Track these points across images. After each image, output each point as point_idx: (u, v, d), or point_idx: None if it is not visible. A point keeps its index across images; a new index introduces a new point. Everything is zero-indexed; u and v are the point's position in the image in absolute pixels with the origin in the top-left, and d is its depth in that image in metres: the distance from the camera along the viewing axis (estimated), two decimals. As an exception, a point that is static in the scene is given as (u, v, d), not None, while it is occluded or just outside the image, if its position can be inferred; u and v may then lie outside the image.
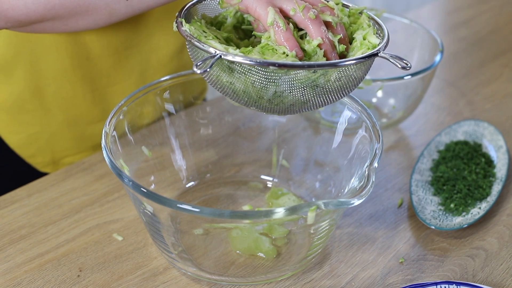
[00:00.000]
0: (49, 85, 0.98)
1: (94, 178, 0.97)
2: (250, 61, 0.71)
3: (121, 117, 0.82)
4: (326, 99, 0.76)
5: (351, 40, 0.81)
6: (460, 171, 0.97)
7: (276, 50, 0.75)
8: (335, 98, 0.77)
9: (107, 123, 0.80)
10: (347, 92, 0.77)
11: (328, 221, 0.79)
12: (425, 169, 1.00)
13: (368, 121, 0.83)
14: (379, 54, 0.75)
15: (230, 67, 0.73)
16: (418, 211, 0.91)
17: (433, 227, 0.88)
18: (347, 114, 0.88)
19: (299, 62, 0.72)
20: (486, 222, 0.92)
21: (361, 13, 0.83)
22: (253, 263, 0.83)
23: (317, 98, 0.75)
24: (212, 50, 0.72)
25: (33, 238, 0.87)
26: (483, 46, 1.40)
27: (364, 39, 0.79)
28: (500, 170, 0.98)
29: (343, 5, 0.84)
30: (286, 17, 0.77)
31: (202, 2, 0.83)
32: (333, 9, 0.78)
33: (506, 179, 0.97)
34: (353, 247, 0.87)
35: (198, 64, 0.70)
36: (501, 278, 0.83)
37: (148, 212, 0.78)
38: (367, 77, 1.18)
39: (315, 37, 0.75)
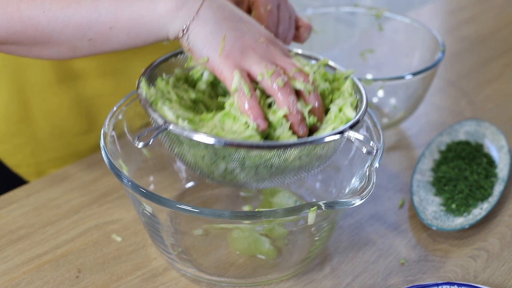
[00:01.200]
0: (35, 96, 0.98)
1: (93, 179, 0.96)
2: (194, 137, 0.67)
3: (120, 117, 0.82)
4: (287, 178, 0.73)
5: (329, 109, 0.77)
6: (462, 172, 0.97)
7: (239, 119, 0.71)
8: (299, 176, 0.73)
9: (106, 123, 0.80)
10: (313, 169, 0.73)
11: (329, 221, 0.79)
12: (426, 169, 0.99)
13: (368, 121, 0.83)
14: (344, 134, 0.70)
15: (179, 139, 0.70)
16: (419, 212, 0.90)
17: (434, 228, 0.88)
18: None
19: (246, 142, 0.67)
20: (488, 222, 0.91)
21: (347, 78, 0.79)
22: (253, 264, 0.83)
23: (275, 177, 0.72)
24: (160, 120, 0.69)
25: (32, 238, 0.86)
26: (484, 45, 1.40)
27: (339, 111, 0.75)
28: (502, 171, 0.97)
29: (330, 66, 0.81)
30: (255, 81, 0.73)
31: (177, 56, 0.82)
32: (308, 75, 0.74)
33: (508, 179, 0.96)
34: (354, 248, 0.87)
35: (140, 136, 0.67)
36: (503, 279, 0.82)
37: (147, 213, 0.78)
38: (368, 76, 1.18)
39: (282, 107, 0.71)
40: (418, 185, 0.96)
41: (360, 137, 0.68)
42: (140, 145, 0.66)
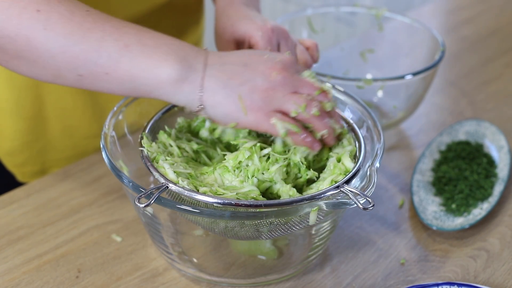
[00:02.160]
0: (50, 94, 0.97)
1: (93, 179, 0.96)
2: (190, 196, 0.68)
3: (120, 117, 0.82)
4: (290, 230, 0.73)
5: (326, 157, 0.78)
6: (462, 171, 0.97)
7: (237, 175, 0.72)
8: (301, 227, 0.73)
9: (106, 123, 0.79)
10: (317, 220, 0.72)
11: (330, 221, 0.79)
12: (427, 169, 0.99)
13: (369, 121, 0.83)
14: (340, 189, 0.70)
15: (180, 196, 0.70)
16: (420, 212, 0.90)
17: (434, 228, 0.88)
18: (347, 114, 0.87)
19: (245, 201, 0.68)
20: (488, 222, 0.91)
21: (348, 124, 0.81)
22: (253, 264, 0.83)
23: (276, 232, 0.72)
24: (161, 179, 0.70)
25: (32, 238, 0.86)
26: (485, 45, 1.40)
27: (338, 161, 0.75)
28: (502, 171, 0.97)
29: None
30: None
31: (172, 109, 0.82)
32: (327, 92, 0.75)
33: (508, 179, 0.96)
34: (354, 247, 0.87)
35: (141, 197, 0.67)
36: (503, 279, 0.82)
37: (148, 213, 0.78)
38: (368, 76, 1.18)
39: (320, 131, 0.74)
40: (418, 185, 0.96)
41: (357, 191, 0.69)
42: (141, 206, 0.66)
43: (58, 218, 0.89)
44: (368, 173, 0.73)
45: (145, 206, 0.66)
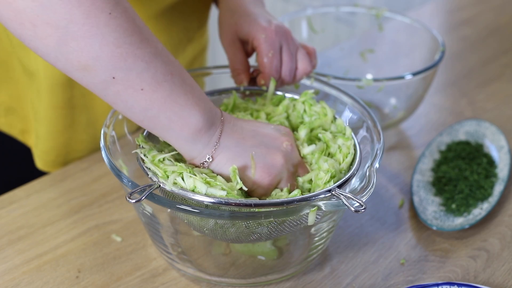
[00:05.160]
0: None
1: (93, 179, 0.96)
2: (181, 194, 0.68)
3: (120, 117, 0.82)
4: (281, 231, 0.73)
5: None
6: (462, 172, 0.97)
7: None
8: (293, 228, 0.74)
9: (106, 123, 0.79)
10: (307, 221, 0.72)
11: (329, 221, 0.79)
12: (427, 170, 0.99)
13: (369, 121, 0.82)
14: (332, 193, 0.70)
15: (173, 195, 0.71)
16: (419, 212, 0.90)
17: (434, 228, 0.88)
18: (347, 114, 0.87)
19: (235, 200, 0.68)
20: (488, 222, 0.91)
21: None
22: (253, 264, 0.83)
23: (267, 232, 0.72)
24: (153, 178, 0.70)
25: (32, 238, 0.86)
26: (485, 45, 1.40)
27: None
28: (502, 171, 0.97)
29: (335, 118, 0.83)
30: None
31: None
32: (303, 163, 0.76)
33: (508, 179, 0.96)
34: (354, 247, 0.87)
35: (133, 193, 0.67)
36: (503, 279, 0.82)
37: (147, 213, 0.78)
38: (368, 76, 1.18)
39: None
40: (418, 185, 0.96)
41: (349, 195, 0.69)
42: (132, 201, 0.67)
43: (58, 218, 0.89)
44: (367, 174, 0.73)
45: (136, 202, 0.67)
